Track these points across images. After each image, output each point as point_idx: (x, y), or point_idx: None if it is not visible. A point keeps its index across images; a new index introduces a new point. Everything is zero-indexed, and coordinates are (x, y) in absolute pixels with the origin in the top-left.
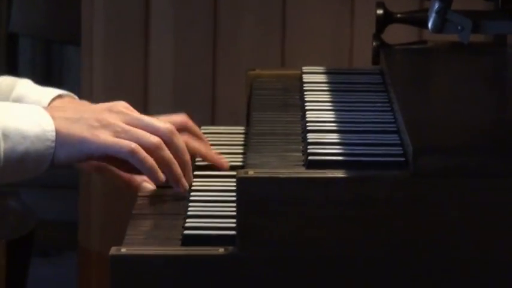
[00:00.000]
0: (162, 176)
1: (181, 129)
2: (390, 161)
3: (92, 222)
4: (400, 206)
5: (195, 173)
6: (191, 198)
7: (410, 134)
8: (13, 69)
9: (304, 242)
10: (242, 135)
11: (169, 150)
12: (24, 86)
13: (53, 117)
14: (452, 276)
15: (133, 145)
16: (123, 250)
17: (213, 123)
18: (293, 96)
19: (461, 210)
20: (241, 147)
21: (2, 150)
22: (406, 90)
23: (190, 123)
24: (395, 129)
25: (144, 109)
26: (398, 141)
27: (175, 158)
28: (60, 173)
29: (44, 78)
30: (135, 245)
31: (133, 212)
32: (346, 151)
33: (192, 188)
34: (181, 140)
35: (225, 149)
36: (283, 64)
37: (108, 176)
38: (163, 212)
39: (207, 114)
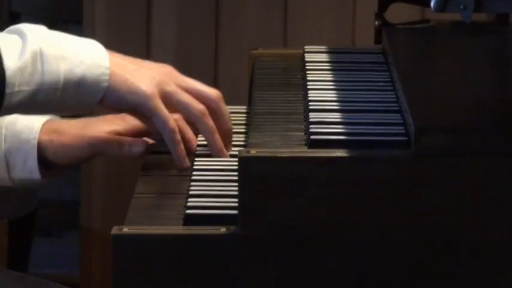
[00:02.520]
0: (187, 164)
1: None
2: (392, 141)
3: (93, 201)
4: (402, 185)
5: (197, 152)
6: (193, 177)
7: (413, 113)
8: None
9: (305, 222)
10: (244, 115)
11: (215, 116)
12: None
13: (109, 55)
14: (454, 254)
15: (174, 126)
16: (125, 229)
17: None
18: (295, 76)
19: (463, 189)
20: (243, 127)
21: (62, 70)
22: (408, 70)
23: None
24: (397, 108)
25: None
26: (401, 121)
27: (219, 125)
28: None
29: None
30: (137, 224)
31: (135, 192)
32: (348, 130)
33: (194, 167)
34: (227, 108)
35: None
36: (286, 43)
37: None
38: (165, 192)
39: None
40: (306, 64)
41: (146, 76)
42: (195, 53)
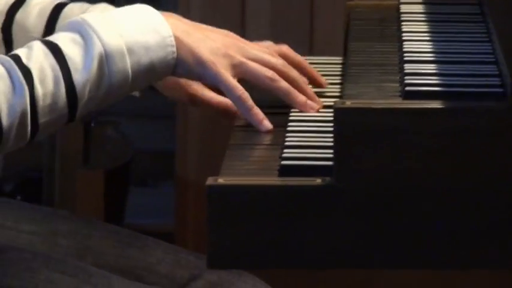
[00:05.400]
0: (267, 126)
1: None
2: (487, 92)
3: (188, 152)
4: (497, 137)
5: None
6: (289, 128)
7: (509, 65)
8: None
9: (399, 173)
10: (339, 66)
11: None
12: None
13: (171, 24)
14: None
15: (242, 92)
16: (220, 180)
17: (310, 54)
18: (390, 27)
19: None
20: (338, 78)
21: (129, 66)
22: (504, 21)
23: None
24: (493, 60)
25: None
26: (496, 72)
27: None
28: (157, 103)
29: None
30: (232, 175)
31: (230, 142)
32: (443, 82)
33: (290, 118)
34: (296, 72)
35: None
36: None
37: (203, 106)
38: (260, 143)
39: (304, 44)
40: (402, 15)
41: (212, 47)
42: (290, 3)
